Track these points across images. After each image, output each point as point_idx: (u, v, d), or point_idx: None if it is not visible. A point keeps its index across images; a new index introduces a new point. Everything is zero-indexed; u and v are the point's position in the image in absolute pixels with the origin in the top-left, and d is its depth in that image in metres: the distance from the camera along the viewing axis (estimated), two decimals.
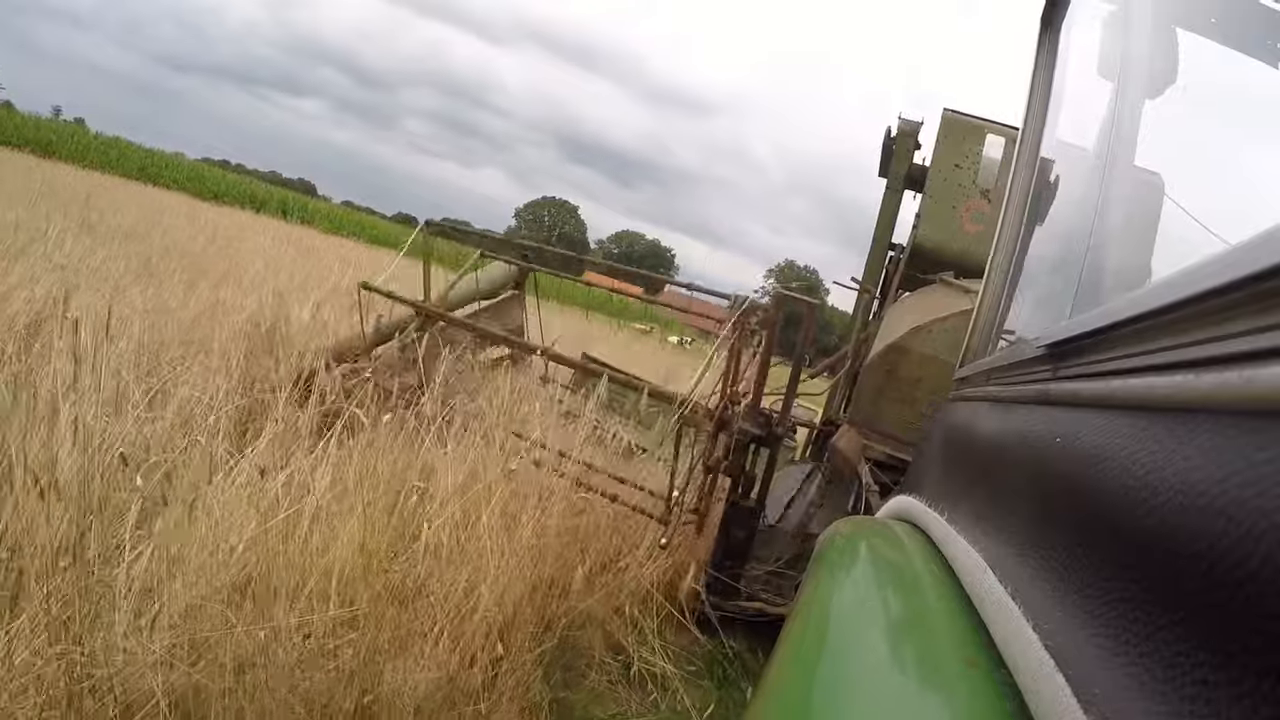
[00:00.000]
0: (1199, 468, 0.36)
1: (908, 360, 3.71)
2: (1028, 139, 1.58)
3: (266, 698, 1.71)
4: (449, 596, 2.14)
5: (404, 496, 2.30)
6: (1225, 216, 0.99)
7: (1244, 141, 1.40)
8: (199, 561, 1.80)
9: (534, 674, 2.36)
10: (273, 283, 5.39)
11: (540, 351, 4.04)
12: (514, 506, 2.57)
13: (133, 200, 12.30)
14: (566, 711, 2.44)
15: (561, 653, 2.57)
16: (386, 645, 1.97)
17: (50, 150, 24.46)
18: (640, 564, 3.07)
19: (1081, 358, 0.66)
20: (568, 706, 2.46)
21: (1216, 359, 0.38)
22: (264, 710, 1.70)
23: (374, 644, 1.92)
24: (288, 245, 10.76)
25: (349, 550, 2.03)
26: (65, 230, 5.77)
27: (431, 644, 2.05)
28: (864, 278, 5.72)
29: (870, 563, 0.97)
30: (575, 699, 2.52)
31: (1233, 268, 0.36)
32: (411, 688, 1.94)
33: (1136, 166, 1.26)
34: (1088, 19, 1.53)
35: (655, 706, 2.68)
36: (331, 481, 2.18)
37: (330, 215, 35.21)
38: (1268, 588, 0.28)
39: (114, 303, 3.73)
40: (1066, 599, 0.48)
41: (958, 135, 4.70)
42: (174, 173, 30.36)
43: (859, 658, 0.66)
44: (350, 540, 2.03)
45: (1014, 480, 0.70)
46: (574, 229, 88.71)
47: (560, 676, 2.49)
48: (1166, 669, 0.34)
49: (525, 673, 2.31)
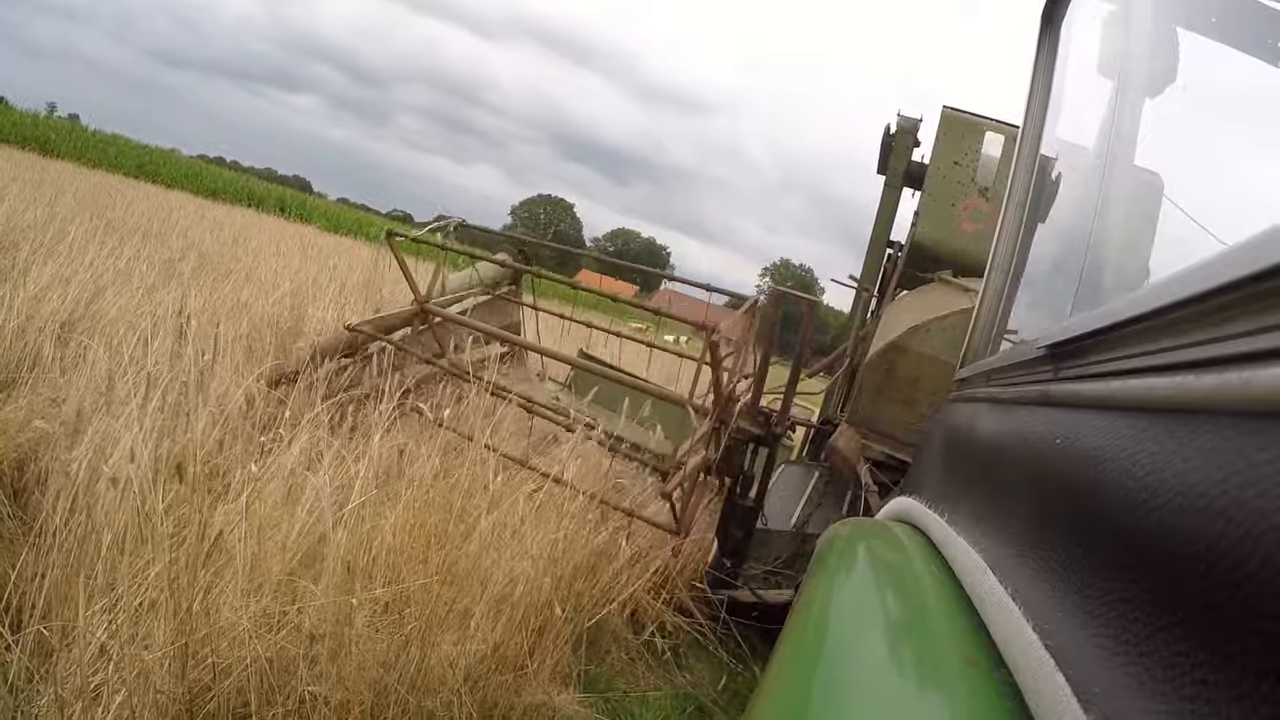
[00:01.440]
0: (1199, 468, 0.36)
1: (906, 359, 3.71)
2: (1028, 137, 1.58)
3: (345, 662, 1.90)
4: (492, 578, 2.34)
5: (451, 486, 2.50)
6: (1225, 216, 0.99)
7: (1244, 141, 1.40)
8: (280, 541, 2.01)
9: (565, 649, 2.59)
10: (288, 283, 5.42)
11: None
12: (544, 501, 2.78)
13: (141, 199, 12.32)
14: (592, 683, 2.69)
15: (587, 631, 2.78)
16: (440, 619, 2.16)
17: (49, 147, 24.35)
18: (650, 554, 3.25)
19: (1082, 358, 0.66)
20: (593, 679, 2.72)
21: (1216, 360, 0.38)
22: (342, 673, 1.89)
23: (430, 616, 2.11)
24: (294, 245, 10.78)
25: (399, 534, 2.22)
26: (90, 230, 5.79)
27: (479, 620, 2.26)
28: (862, 276, 5.72)
29: (870, 563, 0.97)
30: (599, 673, 2.78)
31: (1233, 268, 0.36)
32: (463, 655, 2.16)
33: (1136, 166, 1.26)
34: (1088, 18, 1.53)
35: (670, 680, 2.92)
36: (375, 473, 2.34)
37: (328, 212, 35.10)
38: (1267, 588, 0.28)
39: (145, 304, 3.93)
40: (1066, 599, 0.48)
41: (957, 133, 4.69)
42: (171, 170, 30.21)
43: (859, 658, 0.66)
44: (399, 524, 2.23)
45: (1014, 481, 0.70)
46: (569, 227, 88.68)
47: (586, 652, 2.72)
48: (1166, 669, 0.34)
49: (559, 648, 2.55)
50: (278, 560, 1.97)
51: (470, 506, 2.45)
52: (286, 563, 1.97)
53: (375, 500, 2.25)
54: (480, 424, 2.90)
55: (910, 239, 4.99)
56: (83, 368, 2.80)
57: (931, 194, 4.68)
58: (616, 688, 2.75)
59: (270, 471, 2.26)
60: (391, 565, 2.17)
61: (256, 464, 2.24)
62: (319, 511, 2.06)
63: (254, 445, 2.62)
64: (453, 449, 2.88)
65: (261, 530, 1.99)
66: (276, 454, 2.37)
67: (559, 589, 2.59)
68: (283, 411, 2.71)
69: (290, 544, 2.01)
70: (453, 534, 2.33)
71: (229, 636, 1.76)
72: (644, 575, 3.11)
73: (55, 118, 37.09)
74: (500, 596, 2.32)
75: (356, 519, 2.12)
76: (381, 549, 2.16)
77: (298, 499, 2.16)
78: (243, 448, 2.50)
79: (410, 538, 2.26)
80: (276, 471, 2.26)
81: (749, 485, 3.37)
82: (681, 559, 3.35)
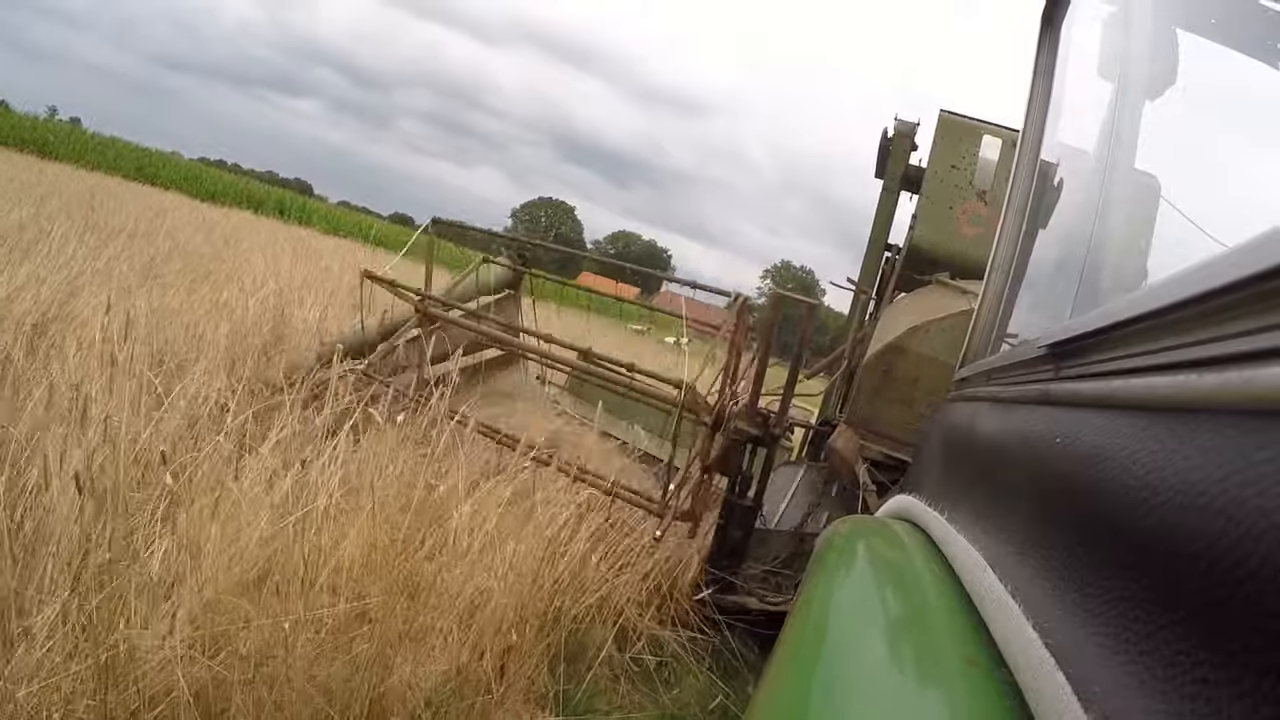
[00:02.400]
0: (1199, 468, 0.36)
1: (905, 360, 3.71)
2: (1028, 140, 1.58)
3: (285, 689, 1.75)
4: (461, 591, 2.19)
5: (418, 493, 2.36)
6: (1226, 217, 0.99)
7: (1244, 143, 1.40)
8: (217, 557, 1.84)
9: (541, 667, 2.41)
10: (274, 285, 5.38)
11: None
12: (522, 505, 2.64)
13: (134, 200, 12.27)
14: (570, 704, 2.48)
15: (566, 646, 2.62)
16: (398, 638, 2.01)
17: (48, 150, 24.34)
18: (638, 561, 3.12)
19: (1082, 358, 0.66)
20: (571, 700, 2.51)
21: (1216, 359, 0.38)
22: (282, 701, 1.74)
23: (385, 636, 1.96)
24: (287, 246, 10.74)
25: (358, 546, 2.08)
26: (70, 230, 5.76)
27: (442, 637, 2.10)
28: (860, 279, 5.72)
29: (870, 562, 0.97)
30: (577, 693, 2.55)
31: (1233, 268, 0.36)
32: (422, 679, 1.99)
33: (1135, 169, 1.26)
34: (1088, 19, 1.53)
35: (655, 700, 2.71)
36: (341, 480, 2.22)
37: (328, 215, 35.11)
38: (1268, 587, 0.28)
39: (119, 303, 3.75)
40: (1067, 598, 0.48)
41: (954, 136, 4.70)
42: (171, 172, 30.21)
43: (859, 657, 0.66)
44: (360, 536, 2.09)
45: (1014, 480, 0.71)
46: (570, 229, 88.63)
47: (565, 669, 2.53)
48: (1166, 668, 0.34)
49: (532, 666, 2.37)
50: (223, 577, 1.81)
51: (438, 516, 2.33)
52: (232, 580, 1.82)
53: (335, 512, 2.09)
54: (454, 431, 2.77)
55: (908, 242, 4.99)
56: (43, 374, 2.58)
57: (929, 197, 4.68)
58: (596, 709, 2.56)
59: (211, 482, 2.09)
60: (351, 580, 2.02)
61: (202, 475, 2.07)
62: (272, 523, 1.91)
63: (218, 454, 2.35)
64: (426, 459, 2.73)
65: (201, 545, 1.84)
66: (232, 464, 2.20)
67: (535, 602, 2.46)
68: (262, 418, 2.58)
69: (234, 560, 1.85)
70: (411, 543, 2.19)
71: (153, 661, 1.60)
72: (632, 583, 2.96)
73: (55, 121, 37.06)
74: (468, 611, 2.18)
75: (315, 531, 1.98)
76: (332, 564, 1.99)
77: (240, 510, 1.98)
78: (208, 457, 2.26)
79: (369, 550, 2.10)
80: (222, 481, 2.07)
81: (747, 485, 3.38)
82: (673, 564, 3.25)
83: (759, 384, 3.37)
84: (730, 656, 3.08)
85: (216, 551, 1.86)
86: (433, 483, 2.44)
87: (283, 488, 2.06)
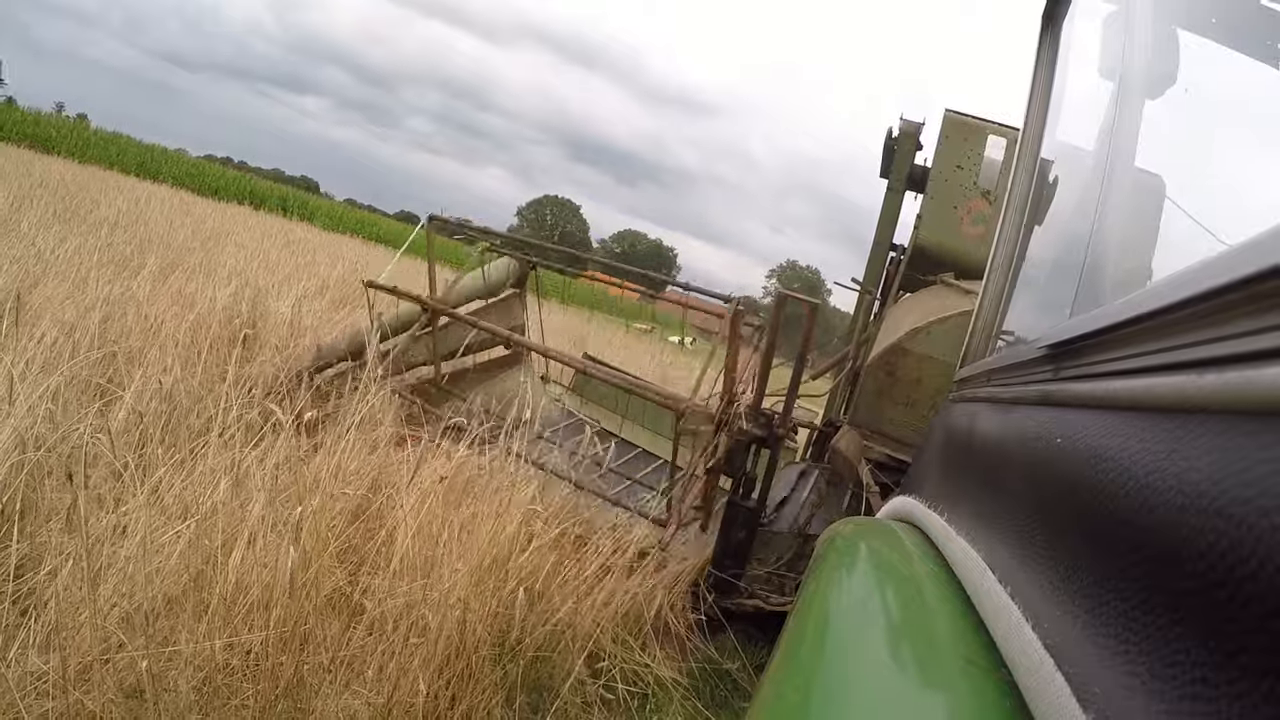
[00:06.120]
0: (1199, 468, 0.36)
1: (908, 361, 3.71)
2: (1028, 139, 1.58)
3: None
4: (400, 613, 1.99)
5: (361, 504, 2.20)
6: (1226, 218, 0.99)
7: (1245, 143, 1.39)
8: (121, 576, 1.67)
9: (495, 697, 2.13)
10: (250, 276, 5.23)
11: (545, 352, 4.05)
12: (471, 511, 2.39)
13: (124, 193, 12.08)
14: None
15: (531, 672, 2.33)
16: (324, 666, 1.82)
17: (50, 145, 24.38)
18: (623, 577, 2.86)
19: (1082, 358, 0.66)
20: None
21: (1216, 359, 0.38)
22: None
23: (304, 666, 1.75)
24: (274, 239, 10.58)
25: (286, 563, 1.86)
26: (40, 221, 5.65)
27: (375, 666, 1.89)
28: (865, 278, 5.72)
29: (870, 563, 0.97)
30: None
31: (1233, 268, 0.36)
32: (364, 709, 1.80)
33: (1137, 168, 1.25)
34: (1088, 18, 1.53)
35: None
36: (277, 489, 2.06)
37: (331, 212, 35.16)
38: (1268, 587, 0.28)
39: (76, 294, 3.64)
40: (1066, 599, 0.48)
41: (959, 136, 4.69)
42: (174, 169, 30.22)
43: (859, 657, 0.66)
44: (288, 552, 1.88)
45: (1014, 481, 0.70)
46: (576, 228, 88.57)
47: (526, 699, 2.23)
48: (1166, 668, 0.34)
49: (484, 696, 2.11)
50: (125, 598, 1.64)
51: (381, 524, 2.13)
52: (138, 600, 1.63)
53: (271, 523, 1.92)
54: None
55: (912, 242, 4.99)
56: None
57: (934, 197, 4.68)
58: None
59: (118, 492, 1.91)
60: (269, 603, 1.78)
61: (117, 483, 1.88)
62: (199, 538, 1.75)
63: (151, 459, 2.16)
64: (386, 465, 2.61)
65: (98, 564, 1.64)
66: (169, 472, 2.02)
67: (493, 623, 2.18)
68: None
69: (141, 578, 1.68)
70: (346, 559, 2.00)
71: (29, 690, 1.45)
72: (610, 601, 2.66)
73: (61, 116, 37.13)
74: (410, 634, 1.96)
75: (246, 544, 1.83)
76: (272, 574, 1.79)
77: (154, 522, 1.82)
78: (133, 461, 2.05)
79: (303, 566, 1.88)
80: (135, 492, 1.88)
81: (751, 486, 3.37)
82: (666, 578, 3.05)
83: (763, 384, 3.36)
84: (718, 680, 2.82)
85: (122, 569, 1.68)
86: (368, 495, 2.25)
87: (209, 498, 1.91)
